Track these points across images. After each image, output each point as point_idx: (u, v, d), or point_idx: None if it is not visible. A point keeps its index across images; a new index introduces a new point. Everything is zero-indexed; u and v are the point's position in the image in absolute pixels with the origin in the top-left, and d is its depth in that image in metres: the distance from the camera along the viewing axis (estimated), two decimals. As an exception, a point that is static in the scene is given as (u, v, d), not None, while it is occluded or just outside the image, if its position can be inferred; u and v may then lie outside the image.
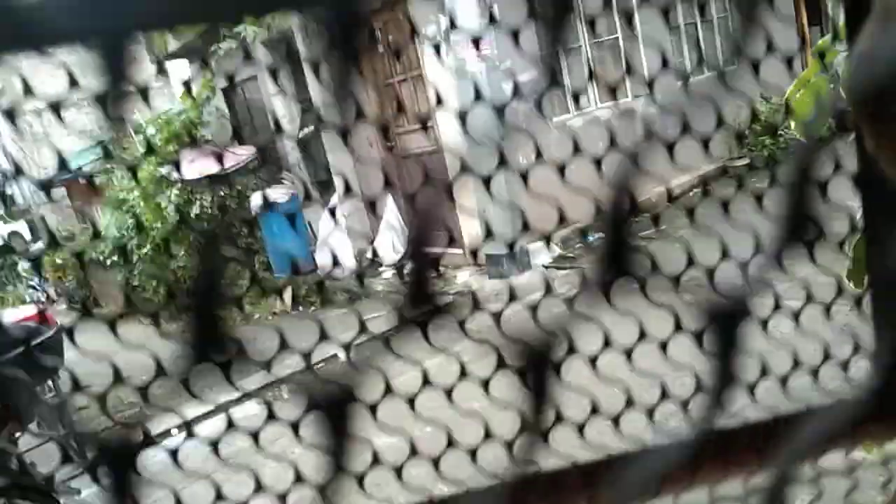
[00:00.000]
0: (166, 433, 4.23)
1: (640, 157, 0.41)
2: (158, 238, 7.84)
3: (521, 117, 1.59)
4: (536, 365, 0.37)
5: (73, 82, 0.75)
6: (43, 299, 11.33)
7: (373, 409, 1.02)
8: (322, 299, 6.93)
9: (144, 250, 7.93)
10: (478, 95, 1.43)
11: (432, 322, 0.60)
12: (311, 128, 7.99)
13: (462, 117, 1.16)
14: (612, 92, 7.76)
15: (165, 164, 7.83)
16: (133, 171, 7.35)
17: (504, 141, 1.35)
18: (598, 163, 1.38)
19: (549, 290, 1.58)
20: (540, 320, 1.37)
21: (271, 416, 1.25)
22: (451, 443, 1.27)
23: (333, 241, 7.44)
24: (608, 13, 7.42)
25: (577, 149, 1.43)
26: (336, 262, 7.61)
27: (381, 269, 7.76)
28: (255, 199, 7.80)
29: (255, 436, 1.26)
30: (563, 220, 1.55)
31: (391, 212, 7.37)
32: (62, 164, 3.63)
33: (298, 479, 1.20)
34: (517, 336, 0.38)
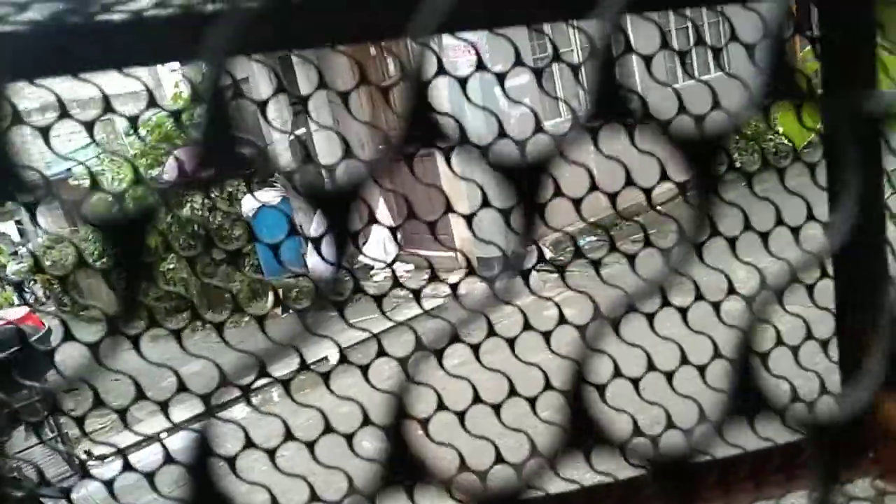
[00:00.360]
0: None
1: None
2: (148, 242, 7.79)
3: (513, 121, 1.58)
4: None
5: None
6: (31, 301, 11.24)
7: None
8: (313, 301, 6.90)
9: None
10: (469, 98, 1.42)
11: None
12: (304, 129, 7.97)
13: (455, 120, 1.16)
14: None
15: (156, 165, 7.79)
16: (125, 172, 7.31)
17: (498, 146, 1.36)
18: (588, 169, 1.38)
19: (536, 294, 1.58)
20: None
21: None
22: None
23: (324, 243, 7.39)
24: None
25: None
26: (327, 264, 7.57)
27: (371, 271, 7.74)
28: (247, 201, 7.77)
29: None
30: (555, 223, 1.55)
31: (383, 214, 7.35)
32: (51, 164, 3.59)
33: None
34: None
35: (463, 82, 1.37)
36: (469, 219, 1.66)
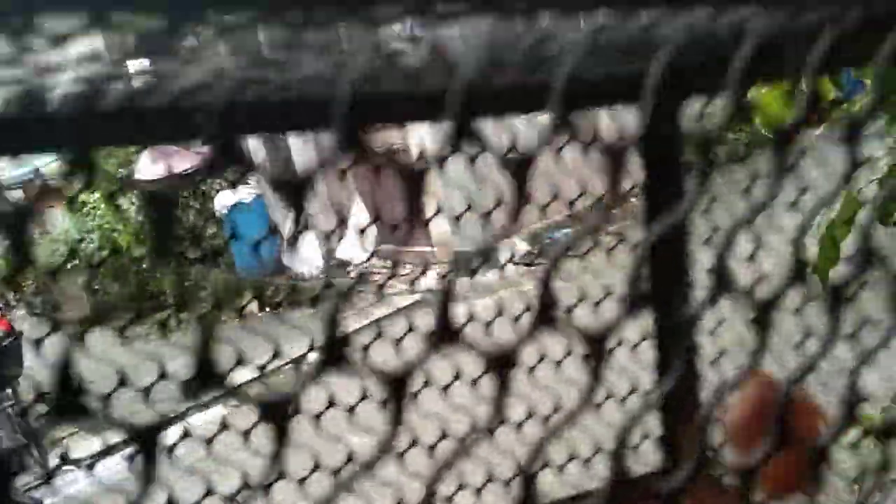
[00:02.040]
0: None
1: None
2: (120, 241, 7.69)
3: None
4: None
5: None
6: (1, 305, 11.01)
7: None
8: (289, 300, 6.85)
9: (105, 253, 7.76)
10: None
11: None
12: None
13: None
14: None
15: (126, 164, 7.68)
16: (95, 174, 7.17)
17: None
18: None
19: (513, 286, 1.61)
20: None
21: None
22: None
23: (300, 241, 7.35)
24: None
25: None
26: (303, 263, 7.53)
27: (348, 269, 7.71)
28: (220, 199, 7.68)
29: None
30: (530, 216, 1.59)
31: (359, 211, 7.31)
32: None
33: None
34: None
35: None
36: (442, 214, 1.68)
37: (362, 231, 7.27)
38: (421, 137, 5.96)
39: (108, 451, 3.92)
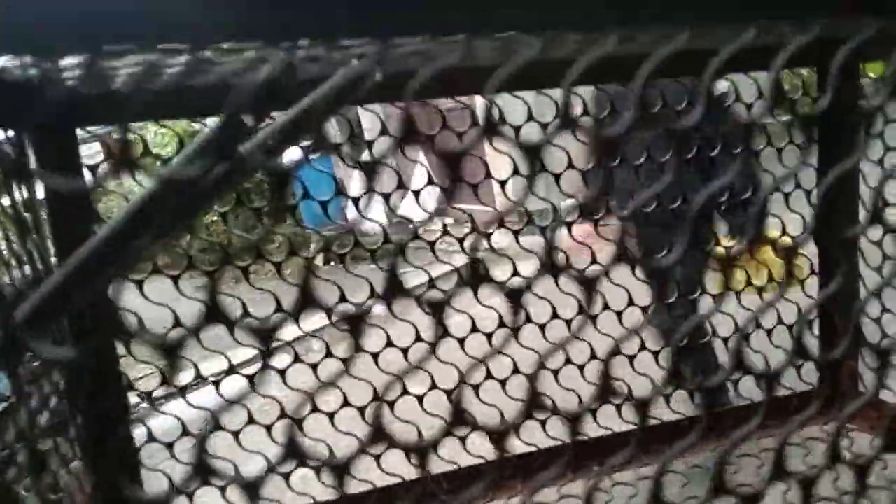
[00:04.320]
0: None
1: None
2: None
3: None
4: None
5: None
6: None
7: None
8: (353, 255, 6.92)
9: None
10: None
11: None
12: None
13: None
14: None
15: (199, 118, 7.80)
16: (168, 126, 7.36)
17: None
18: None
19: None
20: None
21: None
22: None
23: (365, 197, 7.38)
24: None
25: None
26: (367, 219, 7.58)
27: (411, 226, 7.73)
28: (288, 154, 7.76)
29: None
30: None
31: (423, 168, 7.28)
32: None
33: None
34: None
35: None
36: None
37: (425, 190, 7.25)
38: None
39: (181, 390, 4.10)
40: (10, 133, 0.95)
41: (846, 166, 0.43)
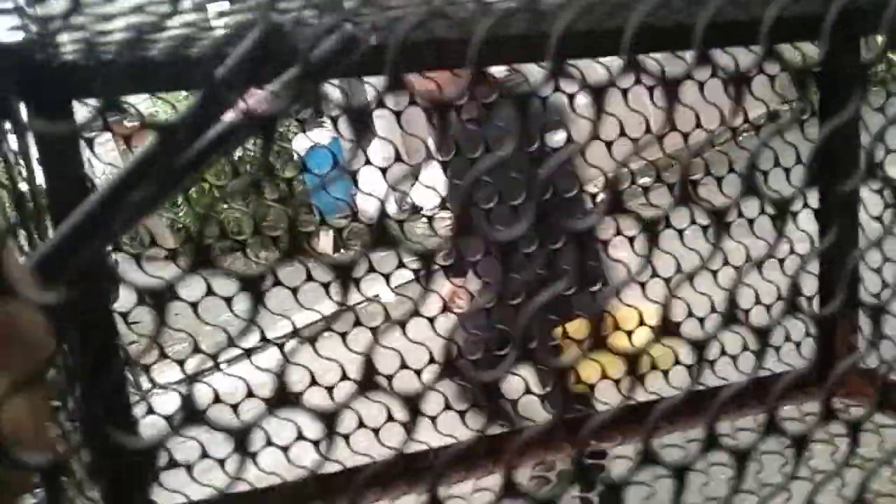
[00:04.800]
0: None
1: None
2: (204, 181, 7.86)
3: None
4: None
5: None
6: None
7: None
8: (362, 241, 6.93)
9: (191, 191, 7.97)
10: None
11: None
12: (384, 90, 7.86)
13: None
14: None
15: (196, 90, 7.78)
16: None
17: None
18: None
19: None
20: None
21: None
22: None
23: (375, 184, 7.38)
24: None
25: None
26: (376, 206, 7.56)
27: (420, 213, 7.73)
28: (298, 142, 7.77)
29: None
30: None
31: (432, 157, 7.26)
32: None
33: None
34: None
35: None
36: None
37: (438, 176, 7.24)
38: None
39: (192, 377, 4.11)
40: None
41: (843, 117, 0.42)
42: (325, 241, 7.05)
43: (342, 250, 7.41)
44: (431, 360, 1.52)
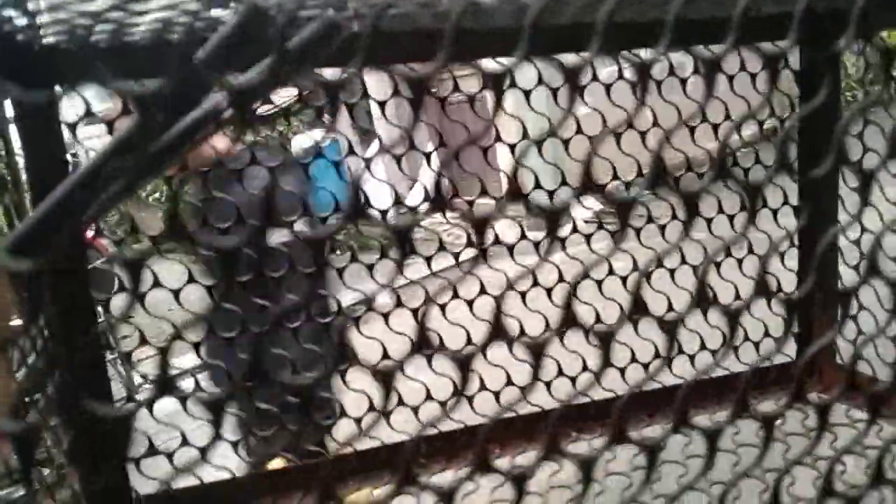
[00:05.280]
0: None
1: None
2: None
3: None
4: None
5: None
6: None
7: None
8: (359, 243, 6.93)
9: (186, 187, 7.98)
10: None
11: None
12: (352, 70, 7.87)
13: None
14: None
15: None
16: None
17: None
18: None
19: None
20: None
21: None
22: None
23: (372, 186, 7.37)
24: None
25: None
26: (373, 208, 7.58)
27: (417, 216, 7.72)
28: (297, 142, 7.76)
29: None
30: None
31: (431, 160, 7.26)
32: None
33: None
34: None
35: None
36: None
37: (433, 180, 7.25)
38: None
39: (183, 373, 4.11)
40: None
41: (815, 103, 0.42)
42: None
43: (338, 252, 7.41)
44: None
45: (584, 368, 1.66)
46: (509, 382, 1.65)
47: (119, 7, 0.81)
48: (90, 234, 2.18)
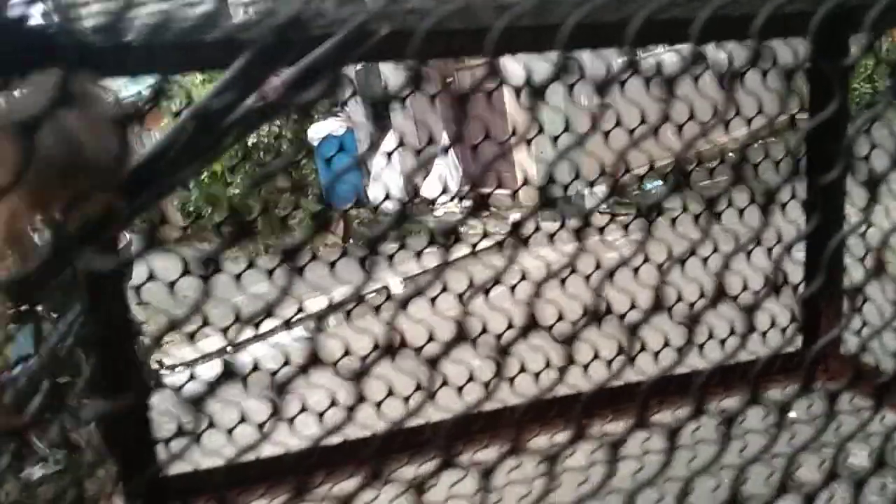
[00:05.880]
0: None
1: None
2: (215, 166, 7.94)
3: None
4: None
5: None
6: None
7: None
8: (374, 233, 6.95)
9: (202, 177, 8.04)
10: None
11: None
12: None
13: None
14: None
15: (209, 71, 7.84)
16: (191, 96, 7.41)
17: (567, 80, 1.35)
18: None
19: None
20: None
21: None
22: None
23: (387, 175, 7.41)
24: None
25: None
26: (388, 197, 7.61)
27: (431, 206, 7.75)
28: (312, 131, 7.80)
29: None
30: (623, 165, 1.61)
31: (445, 150, 7.29)
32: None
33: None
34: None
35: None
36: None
37: (447, 170, 7.27)
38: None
39: (202, 358, 4.17)
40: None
41: (822, 117, 0.44)
42: (338, 229, 7.08)
43: (351, 240, 7.45)
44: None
45: (619, 353, 1.69)
46: (547, 365, 1.69)
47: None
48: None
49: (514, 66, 2.38)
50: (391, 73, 7.84)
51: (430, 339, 1.60)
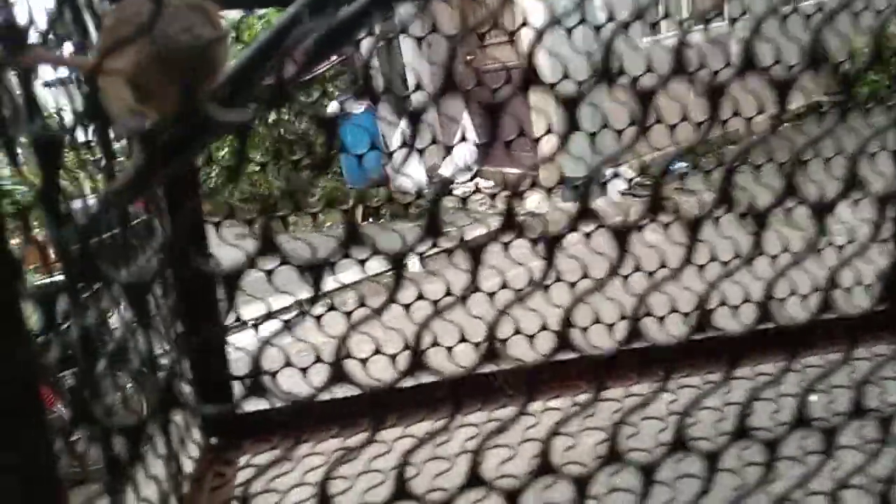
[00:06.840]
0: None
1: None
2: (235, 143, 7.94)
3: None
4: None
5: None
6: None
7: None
8: (392, 212, 6.96)
9: (221, 153, 8.07)
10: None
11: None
12: (391, 35, 7.85)
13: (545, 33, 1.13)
14: (706, 14, 7.33)
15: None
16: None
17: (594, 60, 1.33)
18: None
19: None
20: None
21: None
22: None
23: (406, 154, 7.38)
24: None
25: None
26: (407, 178, 7.60)
27: (451, 186, 7.71)
28: (332, 108, 7.78)
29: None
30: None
31: (465, 130, 7.24)
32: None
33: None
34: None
35: None
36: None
37: (467, 150, 7.23)
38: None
39: (269, 315, 4.21)
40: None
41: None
42: (357, 213, 7.08)
43: (370, 219, 7.45)
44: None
45: (697, 307, 1.70)
46: (623, 317, 1.71)
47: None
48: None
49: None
50: (410, 50, 7.76)
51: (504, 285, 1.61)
